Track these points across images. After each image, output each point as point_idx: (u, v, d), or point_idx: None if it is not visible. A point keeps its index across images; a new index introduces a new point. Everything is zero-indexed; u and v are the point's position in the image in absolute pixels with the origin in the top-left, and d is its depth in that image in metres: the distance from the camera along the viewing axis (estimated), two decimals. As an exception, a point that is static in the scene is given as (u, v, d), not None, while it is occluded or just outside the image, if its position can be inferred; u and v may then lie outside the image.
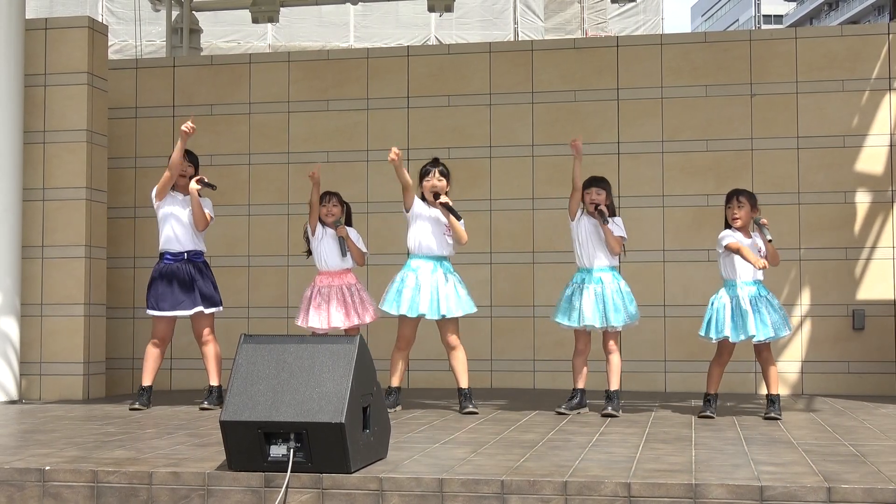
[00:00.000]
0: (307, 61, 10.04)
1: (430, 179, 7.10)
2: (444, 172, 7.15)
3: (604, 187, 7.03)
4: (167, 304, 7.26)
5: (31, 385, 8.51)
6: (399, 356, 7.10)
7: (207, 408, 7.24)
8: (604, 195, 7.00)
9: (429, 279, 6.97)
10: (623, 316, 6.93)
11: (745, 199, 6.87)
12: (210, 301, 7.33)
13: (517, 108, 9.51)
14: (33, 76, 8.65)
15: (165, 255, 7.34)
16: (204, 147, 9.79)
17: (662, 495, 4.13)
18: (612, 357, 7.05)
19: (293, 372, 4.53)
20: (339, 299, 7.36)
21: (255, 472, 4.43)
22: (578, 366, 7.07)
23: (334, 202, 7.48)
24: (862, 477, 4.31)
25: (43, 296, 8.57)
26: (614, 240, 6.98)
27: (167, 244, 7.33)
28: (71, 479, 4.54)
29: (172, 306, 7.25)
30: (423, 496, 4.28)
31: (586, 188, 7.01)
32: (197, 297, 7.27)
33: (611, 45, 9.66)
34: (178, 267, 7.29)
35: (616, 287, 6.98)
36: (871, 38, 9.16)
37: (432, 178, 7.10)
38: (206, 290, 7.32)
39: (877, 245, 8.94)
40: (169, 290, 7.24)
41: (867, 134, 8.99)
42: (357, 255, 7.53)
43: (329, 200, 7.46)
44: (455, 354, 7.08)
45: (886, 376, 8.81)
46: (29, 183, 8.56)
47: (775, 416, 6.66)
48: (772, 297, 6.86)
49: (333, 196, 7.50)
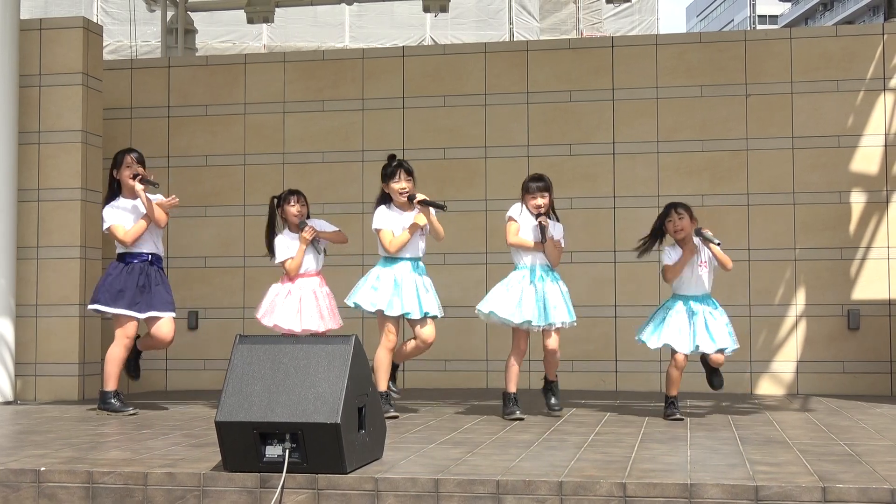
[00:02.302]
0: (302, 62, 10.04)
1: (399, 181, 6.78)
2: (410, 170, 6.83)
3: (546, 188, 6.76)
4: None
5: (27, 386, 8.50)
6: (389, 356, 6.89)
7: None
8: (547, 197, 6.75)
9: (409, 278, 6.79)
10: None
11: (684, 210, 6.74)
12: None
13: (513, 108, 9.51)
14: (28, 76, 8.64)
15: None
16: (199, 147, 9.80)
17: (658, 495, 4.14)
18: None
19: (288, 372, 4.53)
20: (309, 300, 7.17)
21: (250, 473, 4.43)
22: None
23: (301, 202, 7.23)
24: (857, 477, 4.31)
25: (38, 296, 8.56)
26: (554, 252, 6.79)
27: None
28: (66, 480, 4.53)
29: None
30: (418, 496, 4.28)
31: (528, 192, 6.75)
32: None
33: (606, 46, 9.67)
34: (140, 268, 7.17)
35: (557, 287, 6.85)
36: (866, 39, 9.18)
37: (400, 180, 6.78)
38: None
39: (872, 245, 8.95)
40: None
41: (862, 134, 9.01)
42: (336, 237, 7.30)
43: (297, 200, 7.23)
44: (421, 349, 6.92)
45: (881, 376, 8.83)
46: (24, 183, 8.55)
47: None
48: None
49: (297, 195, 7.26)
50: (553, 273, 6.84)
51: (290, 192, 7.32)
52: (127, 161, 7.17)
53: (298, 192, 7.34)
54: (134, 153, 7.24)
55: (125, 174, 7.16)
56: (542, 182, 6.79)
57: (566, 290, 6.87)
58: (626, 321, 8.79)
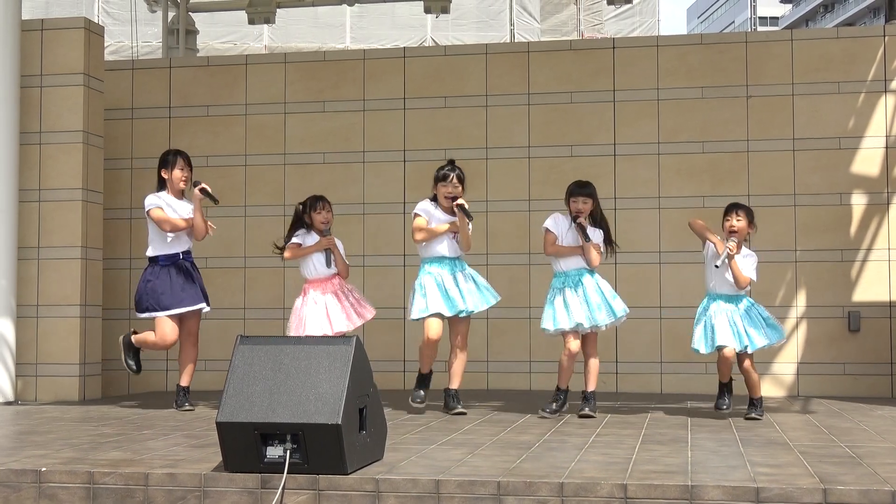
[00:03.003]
0: (304, 62, 10.04)
1: (448, 185, 7.04)
2: (461, 177, 7.09)
3: (590, 194, 6.99)
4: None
5: (27, 386, 8.50)
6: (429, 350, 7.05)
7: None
8: (590, 203, 6.97)
9: (448, 280, 6.98)
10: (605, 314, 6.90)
11: (744, 213, 6.90)
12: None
13: (513, 109, 9.52)
14: (29, 77, 8.64)
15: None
16: (200, 148, 9.80)
17: (658, 497, 4.14)
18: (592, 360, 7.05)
19: (290, 373, 4.53)
20: (335, 303, 7.27)
21: (251, 474, 4.43)
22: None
23: (328, 208, 7.35)
24: (858, 478, 4.32)
25: (39, 297, 8.56)
26: (594, 254, 6.95)
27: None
28: (67, 481, 4.54)
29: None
30: (419, 497, 4.28)
31: (572, 196, 6.98)
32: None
33: (607, 47, 9.67)
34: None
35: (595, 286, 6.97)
36: (867, 41, 9.18)
37: (450, 184, 7.03)
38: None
39: (872, 247, 8.95)
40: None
41: (863, 136, 9.01)
42: (342, 267, 7.37)
43: (323, 207, 7.34)
44: (459, 355, 7.06)
45: (882, 378, 8.83)
46: (25, 184, 8.56)
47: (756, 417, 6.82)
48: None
49: (325, 202, 7.38)
50: (591, 274, 6.99)
51: (317, 198, 7.40)
52: (179, 164, 7.41)
53: (324, 198, 7.42)
54: (184, 155, 7.47)
55: (178, 175, 7.38)
56: (587, 189, 7.00)
57: (607, 286, 7.01)
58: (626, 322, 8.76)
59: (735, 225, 6.84)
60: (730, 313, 6.80)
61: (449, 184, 7.03)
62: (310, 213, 7.35)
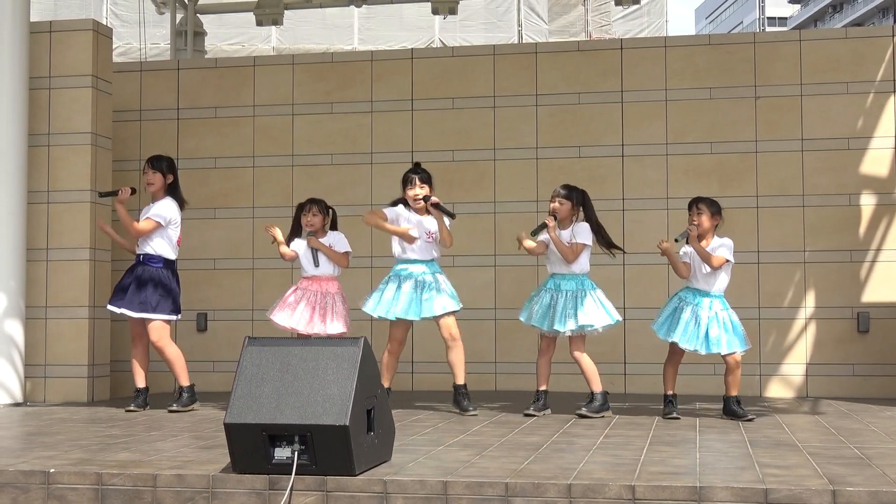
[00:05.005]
0: (311, 64, 10.05)
1: (413, 188, 7.06)
2: (426, 178, 7.10)
3: (567, 195, 7.12)
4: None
5: (36, 387, 8.52)
6: (390, 358, 7.10)
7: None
8: (567, 205, 7.11)
9: (411, 283, 7.00)
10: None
11: (705, 206, 6.94)
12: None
13: (521, 110, 9.51)
14: (38, 79, 8.66)
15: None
16: (209, 149, 9.82)
17: (667, 498, 4.13)
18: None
19: (297, 374, 4.53)
20: (310, 302, 7.31)
21: (259, 475, 4.43)
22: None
23: (314, 211, 7.39)
24: (867, 480, 4.30)
25: (47, 298, 8.58)
26: (565, 250, 7.00)
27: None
28: (75, 482, 4.54)
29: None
30: (427, 499, 4.28)
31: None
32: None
33: (615, 48, 9.66)
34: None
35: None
36: (876, 41, 9.16)
37: (414, 187, 7.06)
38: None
39: (882, 247, 8.93)
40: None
41: (871, 136, 8.99)
42: (336, 258, 7.39)
43: (310, 210, 7.40)
44: (452, 347, 7.04)
45: (891, 379, 8.80)
46: (33, 185, 8.58)
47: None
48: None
49: (315, 205, 7.43)
50: (576, 279, 6.99)
51: (309, 200, 7.48)
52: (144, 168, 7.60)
53: (316, 201, 7.48)
54: (150, 160, 7.60)
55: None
56: (565, 190, 7.17)
57: (593, 295, 6.98)
58: (634, 323, 8.78)
59: (696, 220, 6.89)
60: (696, 309, 6.82)
61: (414, 186, 7.05)
62: (302, 214, 7.49)
